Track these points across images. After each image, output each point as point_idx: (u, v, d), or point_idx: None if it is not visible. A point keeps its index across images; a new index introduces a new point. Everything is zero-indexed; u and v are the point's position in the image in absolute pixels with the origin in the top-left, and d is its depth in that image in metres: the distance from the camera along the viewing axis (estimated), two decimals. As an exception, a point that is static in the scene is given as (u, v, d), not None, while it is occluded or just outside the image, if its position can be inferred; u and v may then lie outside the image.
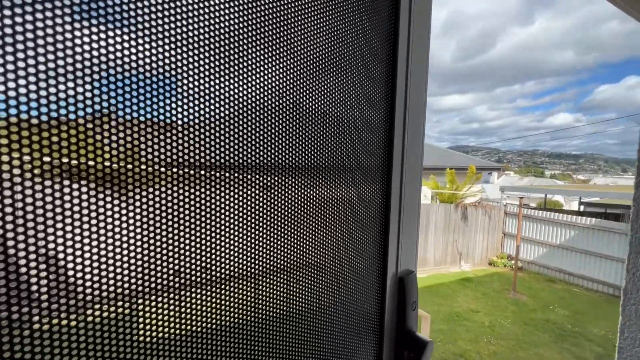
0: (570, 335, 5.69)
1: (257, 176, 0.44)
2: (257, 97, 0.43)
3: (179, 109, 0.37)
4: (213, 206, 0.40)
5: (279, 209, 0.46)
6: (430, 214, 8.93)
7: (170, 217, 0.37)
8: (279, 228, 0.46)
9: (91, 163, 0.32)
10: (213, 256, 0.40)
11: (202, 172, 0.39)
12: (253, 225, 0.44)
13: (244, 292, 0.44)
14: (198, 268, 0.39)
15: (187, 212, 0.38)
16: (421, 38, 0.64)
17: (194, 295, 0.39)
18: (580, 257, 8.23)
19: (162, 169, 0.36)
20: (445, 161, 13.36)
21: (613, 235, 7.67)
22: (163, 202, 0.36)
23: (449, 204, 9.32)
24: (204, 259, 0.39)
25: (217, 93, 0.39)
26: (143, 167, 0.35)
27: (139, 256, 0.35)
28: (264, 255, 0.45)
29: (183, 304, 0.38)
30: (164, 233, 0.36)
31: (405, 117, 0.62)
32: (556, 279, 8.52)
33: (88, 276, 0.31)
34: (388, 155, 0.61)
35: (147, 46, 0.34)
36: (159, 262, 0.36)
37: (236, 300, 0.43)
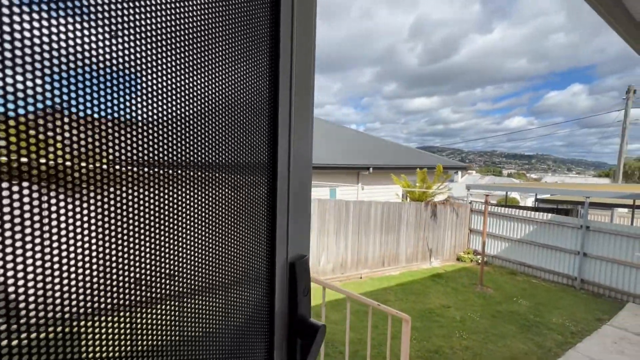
0: (533, 325, 6.01)
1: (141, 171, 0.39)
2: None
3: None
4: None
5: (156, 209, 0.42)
6: (402, 212, 9.06)
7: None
8: (153, 229, 0.41)
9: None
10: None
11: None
12: (125, 229, 0.38)
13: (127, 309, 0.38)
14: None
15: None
16: (305, 36, 0.62)
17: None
18: (538, 250, 8.79)
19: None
20: (416, 161, 13.72)
21: (566, 229, 8.27)
22: None
23: (420, 202, 9.54)
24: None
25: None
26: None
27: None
28: (140, 261, 0.40)
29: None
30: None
31: (290, 108, 0.62)
32: (517, 272, 9.04)
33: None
34: (273, 149, 0.61)
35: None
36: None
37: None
